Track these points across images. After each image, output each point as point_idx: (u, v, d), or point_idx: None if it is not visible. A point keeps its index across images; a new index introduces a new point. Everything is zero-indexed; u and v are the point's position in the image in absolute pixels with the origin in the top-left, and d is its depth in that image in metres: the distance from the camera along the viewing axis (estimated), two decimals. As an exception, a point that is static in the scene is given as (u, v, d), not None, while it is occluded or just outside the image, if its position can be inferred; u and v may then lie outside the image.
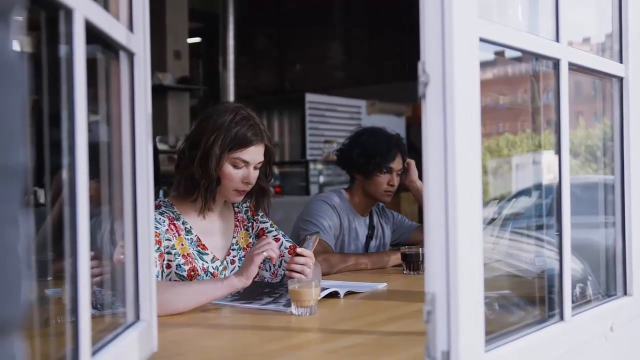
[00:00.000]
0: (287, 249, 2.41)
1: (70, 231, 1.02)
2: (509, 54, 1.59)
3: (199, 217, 2.30)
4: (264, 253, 2.03)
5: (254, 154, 2.27)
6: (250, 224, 2.47)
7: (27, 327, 0.63)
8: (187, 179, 2.25)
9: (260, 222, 2.48)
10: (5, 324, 0.55)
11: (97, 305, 1.36)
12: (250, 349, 1.60)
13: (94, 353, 1.11)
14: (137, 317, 1.39)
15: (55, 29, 1.03)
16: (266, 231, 2.47)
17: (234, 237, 2.40)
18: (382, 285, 2.40)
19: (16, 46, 0.57)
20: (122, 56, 1.36)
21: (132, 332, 1.33)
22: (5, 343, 0.56)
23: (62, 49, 1.03)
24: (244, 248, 2.41)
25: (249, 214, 2.48)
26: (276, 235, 2.46)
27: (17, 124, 0.55)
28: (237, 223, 2.43)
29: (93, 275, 1.61)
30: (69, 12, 1.01)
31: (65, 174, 1.03)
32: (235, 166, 2.25)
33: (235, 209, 2.45)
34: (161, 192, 5.40)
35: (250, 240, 2.44)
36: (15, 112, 0.55)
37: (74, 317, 1.04)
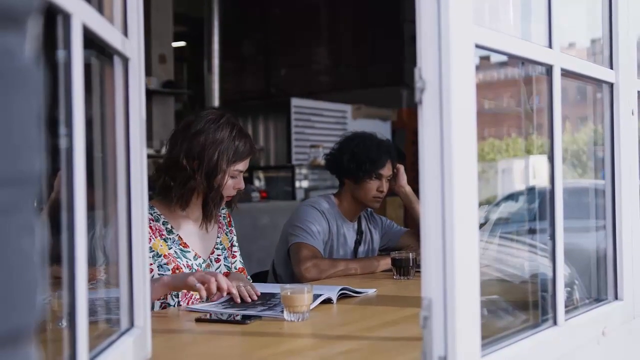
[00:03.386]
0: (236, 269, 2.48)
1: (67, 237, 1.02)
2: (494, 58, 1.60)
3: (182, 219, 2.36)
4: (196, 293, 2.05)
5: (247, 163, 2.39)
6: (230, 230, 2.56)
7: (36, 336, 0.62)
8: (189, 192, 2.30)
9: (233, 234, 2.57)
10: (23, 332, 0.55)
11: (90, 310, 1.35)
12: (244, 355, 1.60)
13: (90, 360, 1.10)
14: (132, 324, 1.38)
15: (52, 33, 1.03)
16: (232, 245, 2.56)
17: (218, 237, 2.47)
18: (372, 291, 2.40)
19: (31, 52, 0.57)
20: (117, 61, 1.35)
21: (127, 338, 1.32)
22: (22, 350, 0.55)
23: (60, 54, 1.03)
24: (228, 248, 2.49)
25: (226, 220, 2.56)
26: (236, 252, 2.54)
27: (33, 131, 0.55)
28: (220, 225, 2.51)
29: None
30: (67, 17, 1.00)
31: (62, 179, 1.02)
32: (233, 177, 2.34)
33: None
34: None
35: (230, 244, 2.53)
36: (31, 119, 0.54)
37: (67, 324, 1.04)
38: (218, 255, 2.44)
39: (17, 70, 0.54)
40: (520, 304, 1.77)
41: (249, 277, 2.53)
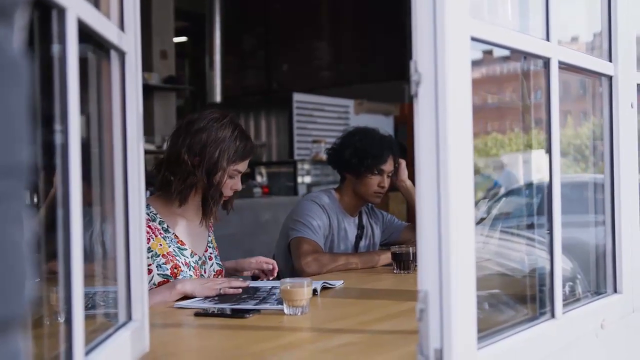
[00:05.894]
0: (214, 272, 2.48)
1: (63, 232, 1.02)
2: (497, 53, 1.60)
3: (177, 217, 2.38)
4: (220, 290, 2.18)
5: (246, 164, 2.41)
6: (212, 230, 2.58)
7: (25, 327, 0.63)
8: (189, 188, 2.31)
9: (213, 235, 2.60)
10: (10, 322, 0.56)
11: (87, 305, 1.36)
12: (242, 349, 1.60)
13: (87, 353, 1.11)
14: (129, 317, 1.39)
15: (47, 28, 1.03)
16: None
17: (209, 236, 2.51)
18: (339, 283, 2.41)
19: (19, 45, 0.57)
20: (113, 55, 1.35)
21: (124, 332, 1.32)
22: (10, 340, 0.56)
23: (55, 48, 1.03)
24: (216, 248, 2.53)
25: (212, 221, 2.57)
26: (216, 254, 2.54)
27: (20, 123, 0.55)
28: (210, 225, 2.53)
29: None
30: (61, 11, 1.00)
31: (57, 175, 1.03)
32: (231, 177, 2.36)
33: None
34: (147, 192, 5.39)
35: (216, 244, 2.56)
36: (19, 110, 0.55)
37: (64, 318, 1.04)
38: (210, 253, 2.48)
39: (4, 62, 0.54)
40: (519, 298, 1.77)
41: None
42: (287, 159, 8.05)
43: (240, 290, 2.18)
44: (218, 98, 8.77)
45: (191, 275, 2.31)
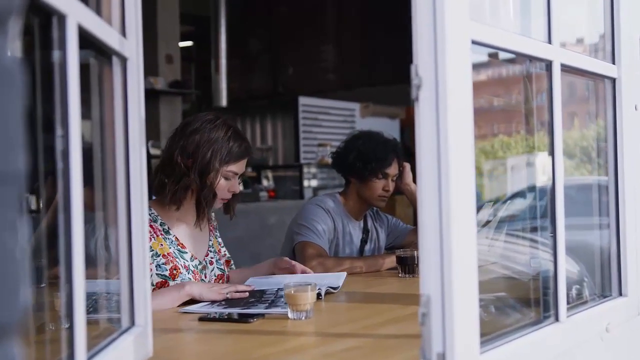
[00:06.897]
0: (215, 276, 2.49)
1: (65, 238, 1.02)
2: (503, 55, 1.60)
3: (177, 220, 2.39)
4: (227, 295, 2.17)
5: (243, 165, 2.40)
6: (218, 232, 2.59)
7: (22, 334, 0.63)
8: (183, 189, 2.32)
9: (219, 237, 2.60)
10: (5, 329, 0.56)
11: (89, 309, 1.36)
12: (246, 353, 1.60)
13: (89, 359, 1.11)
14: (132, 323, 1.39)
15: (48, 34, 1.03)
16: (220, 246, 2.59)
17: (210, 240, 2.51)
18: (342, 276, 2.44)
19: (14, 52, 0.57)
20: (115, 61, 1.36)
21: (127, 337, 1.33)
22: (4, 347, 0.56)
23: (55, 54, 1.03)
24: (217, 251, 2.53)
25: (215, 223, 2.60)
26: (217, 259, 2.54)
27: (16, 130, 0.55)
28: (211, 228, 2.54)
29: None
30: (62, 18, 1.01)
31: (59, 180, 1.03)
32: (226, 178, 2.36)
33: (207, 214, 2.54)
34: (153, 197, 5.40)
35: (220, 247, 2.57)
36: (14, 117, 0.55)
37: (68, 323, 1.04)
38: (211, 258, 2.48)
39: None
40: (524, 301, 1.77)
41: (232, 266, 2.61)
42: (293, 162, 8.05)
43: (247, 294, 2.18)
44: (224, 102, 8.77)
45: (190, 279, 2.31)
